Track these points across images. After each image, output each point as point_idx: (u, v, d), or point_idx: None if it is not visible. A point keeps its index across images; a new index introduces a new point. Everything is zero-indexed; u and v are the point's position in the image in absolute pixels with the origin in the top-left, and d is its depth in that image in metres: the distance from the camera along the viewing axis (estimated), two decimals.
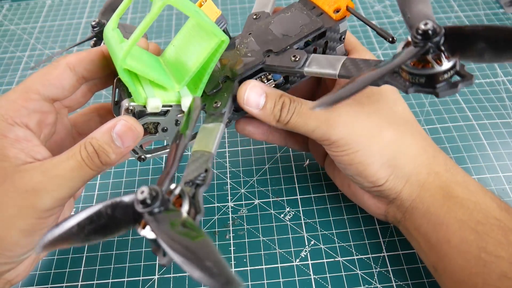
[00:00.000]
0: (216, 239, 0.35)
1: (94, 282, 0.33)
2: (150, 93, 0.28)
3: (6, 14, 0.61)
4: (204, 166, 0.26)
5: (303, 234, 0.35)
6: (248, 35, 0.33)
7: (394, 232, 0.34)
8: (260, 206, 0.37)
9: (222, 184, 0.39)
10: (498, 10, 0.55)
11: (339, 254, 0.33)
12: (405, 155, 0.29)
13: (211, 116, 0.30)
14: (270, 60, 0.31)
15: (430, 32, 0.21)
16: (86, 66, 0.29)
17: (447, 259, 0.27)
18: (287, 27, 0.32)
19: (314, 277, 0.32)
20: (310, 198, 0.37)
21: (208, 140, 0.28)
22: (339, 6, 0.31)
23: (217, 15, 0.31)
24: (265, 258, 0.34)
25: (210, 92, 0.31)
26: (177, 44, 0.31)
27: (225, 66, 0.32)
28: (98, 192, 0.39)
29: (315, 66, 0.29)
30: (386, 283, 0.32)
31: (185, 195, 0.23)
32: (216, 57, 0.29)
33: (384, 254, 0.33)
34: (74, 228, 0.22)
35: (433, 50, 0.22)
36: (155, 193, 0.22)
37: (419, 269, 0.32)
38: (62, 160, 0.26)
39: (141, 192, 0.21)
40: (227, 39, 0.28)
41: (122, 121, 0.27)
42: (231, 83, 0.31)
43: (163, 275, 0.33)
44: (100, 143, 0.26)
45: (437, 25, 0.22)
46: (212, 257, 0.19)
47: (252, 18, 0.35)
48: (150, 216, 0.22)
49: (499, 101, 0.44)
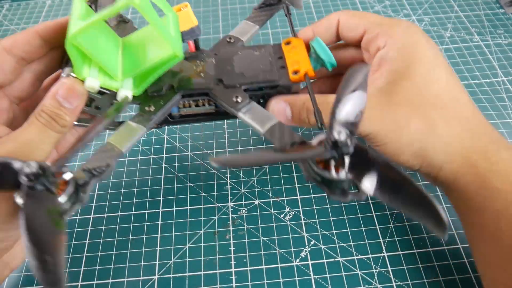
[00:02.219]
0: (216, 239, 0.35)
1: (94, 282, 0.33)
2: (93, 73, 0.29)
3: (6, 14, 0.61)
4: (109, 160, 0.27)
5: (303, 234, 0.35)
6: (214, 55, 0.34)
7: (394, 232, 0.34)
8: (260, 206, 0.37)
9: (222, 184, 0.39)
10: (498, 10, 0.55)
11: (339, 254, 0.33)
12: (435, 145, 0.28)
13: (140, 116, 0.30)
14: (217, 90, 0.31)
15: (339, 143, 0.22)
16: (23, 48, 0.30)
17: (482, 244, 0.28)
18: (248, 66, 0.33)
19: (314, 277, 0.32)
20: (310, 198, 0.37)
21: (125, 139, 0.29)
22: (299, 70, 0.32)
23: (192, 25, 0.32)
24: (265, 258, 0.34)
25: (151, 94, 0.31)
26: (141, 35, 0.32)
27: (177, 75, 0.32)
28: (98, 192, 0.39)
29: (249, 115, 0.30)
30: (386, 283, 0.32)
31: (71, 185, 0.24)
32: (166, 66, 0.30)
33: (384, 254, 0.33)
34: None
35: (336, 159, 0.23)
36: (42, 171, 0.22)
37: (419, 269, 0.32)
38: (25, 128, 0.27)
39: (28, 166, 0.22)
40: (181, 55, 0.30)
41: (63, 84, 0.28)
42: (173, 94, 0.31)
43: (163, 275, 0.33)
44: (51, 109, 0.28)
45: (352, 139, 0.22)
46: (55, 253, 0.20)
47: (226, 40, 0.36)
48: (30, 191, 0.22)
49: (499, 101, 0.44)
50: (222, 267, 0.33)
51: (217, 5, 0.60)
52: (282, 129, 0.29)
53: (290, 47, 0.34)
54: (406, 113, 0.29)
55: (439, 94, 0.29)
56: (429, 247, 0.33)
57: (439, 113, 0.29)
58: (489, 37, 0.52)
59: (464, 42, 0.51)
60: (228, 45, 0.35)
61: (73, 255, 0.35)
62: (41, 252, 0.19)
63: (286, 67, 0.32)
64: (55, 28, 0.31)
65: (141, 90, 0.31)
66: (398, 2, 0.58)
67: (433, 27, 0.54)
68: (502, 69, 0.47)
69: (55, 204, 0.22)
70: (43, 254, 0.19)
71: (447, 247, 0.33)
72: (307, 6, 0.59)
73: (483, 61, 0.49)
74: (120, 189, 0.39)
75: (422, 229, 0.34)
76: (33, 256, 0.19)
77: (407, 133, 0.28)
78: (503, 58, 0.49)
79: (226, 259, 0.34)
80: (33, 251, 0.19)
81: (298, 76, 0.31)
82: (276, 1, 0.39)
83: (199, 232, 0.35)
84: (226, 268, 0.33)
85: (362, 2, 0.59)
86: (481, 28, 0.53)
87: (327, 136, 0.23)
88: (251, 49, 0.34)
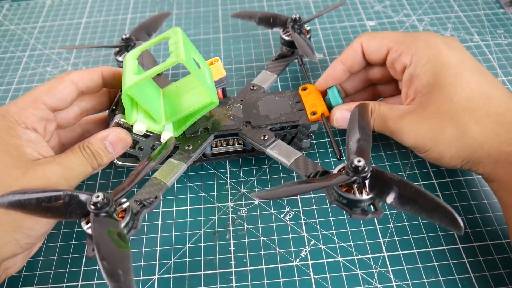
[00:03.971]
0: (216, 239, 0.35)
1: (94, 282, 0.33)
2: (140, 118, 0.33)
3: (6, 14, 0.61)
4: (156, 193, 0.32)
5: (303, 234, 0.35)
6: (240, 100, 0.39)
7: (394, 232, 0.34)
8: (260, 206, 0.37)
9: (222, 184, 0.39)
10: (498, 10, 0.55)
11: (339, 254, 0.33)
12: (471, 145, 0.31)
13: (180, 155, 0.35)
14: (246, 130, 0.36)
15: (360, 168, 0.27)
16: (87, 83, 0.34)
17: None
18: (271, 109, 0.38)
19: (314, 277, 0.32)
20: (310, 198, 0.37)
21: (169, 174, 0.33)
22: (316, 111, 0.37)
23: (221, 76, 0.37)
24: (265, 258, 0.34)
25: (188, 135, 0.36)
26: (179, 85, 0.37)
27: (210, 118, 0.37)
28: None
29: (275, 151, 0.35)
30: (386, 283, 0.32)
31: (129, 212, 0.28)
32: (204, 111, 0.35)
33: (384, 254, 0.33)
34: (33, 200, 0.27)
35: (359, 182, 0.28)
36: (107, 200, 0.26)
37: (419, 269, 0.32)
38: (69, 155, 0.31)
39: (97, 196, 0.26)
40: (217, 102, 0.34)
41: (115, 132, 0.33)
42: (207, 135, 0.36)
43: (163, 275, 0.33)
44: (95, 148, 0.32)
45: (368, 165, 0.28)
46: (125, 267, 0.24)
47: (250, 88, 0.41)
48: (95, 217, 0.26)
49: None
50: (222, 267, 0.33)
51: (217, 5, 0.60)
52: (305, 161, 0.33)
53: (307, 92, 0.39)
54: (440, 122, 0.32)
55: (470, 96, 0.32)
56: (429, 247, 0.33)
57: (471, 116, 0.31)
58: (489, 37, 0.52)
59: (464, 42, 0.51)
60: (252, 91, 0.40)
61: (73, 255, 0.35)
62: (113, 267, 0.23)
63: (305, 109, 0.38)
64: (115, 73, 0.36)
65: (180, 132, 0.36)
66: (398, 2, 0.58)
67: (433, 27, 0.54)
68: (502, 69, 0.47)
69: (117, 228, 0.26)
70: (115, 268, 0.23)
71: (447, 247, 0.33)
72: (307, 7, 0.59)
73: (483, 61, 0.49)
74: None
75: (422, 229, 0.34)
76: (107, 272, 0.23)
77: (442, 141, 0.31)
78: (503, 58, 0.49)
79: (226, 259, 0.34)
80: (106, 267, 0.23)
81: (316, 117, 0.37)
82: (290, 53, 0.45)
83: (199, 232, 0.35)
84: (226, 268, 0.33)
85: (362, 2, 0.59)
86: (481, 28, 0.53)
87: (348, 163, 0.28)
88: (273, 95, 0.39)
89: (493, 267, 0.32)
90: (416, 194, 0.27)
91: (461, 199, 0.36)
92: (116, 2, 0.62)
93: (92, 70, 0.35)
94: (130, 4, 0.61)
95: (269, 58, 0.51)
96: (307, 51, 0.40)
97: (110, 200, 0.27)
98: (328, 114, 0.37)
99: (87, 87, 0.34)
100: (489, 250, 0.33)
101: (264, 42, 0.53)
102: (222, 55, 0.52)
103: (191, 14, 0.59)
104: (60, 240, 0.36)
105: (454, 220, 0.25)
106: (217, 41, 0.54)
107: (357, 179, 0.28)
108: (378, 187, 0.28)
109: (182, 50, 0.31)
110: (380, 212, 0.29)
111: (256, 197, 0.29)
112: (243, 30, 0.55)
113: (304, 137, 0.38)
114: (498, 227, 0.34)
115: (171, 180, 0.33)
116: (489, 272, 0.32)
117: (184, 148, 0.35)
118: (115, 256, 0.24)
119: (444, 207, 0.25)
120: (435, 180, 0.38)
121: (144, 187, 0.32)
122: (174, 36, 0.33)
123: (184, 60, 0.31)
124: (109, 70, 0.35)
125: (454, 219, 0.25)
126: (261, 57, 0.51)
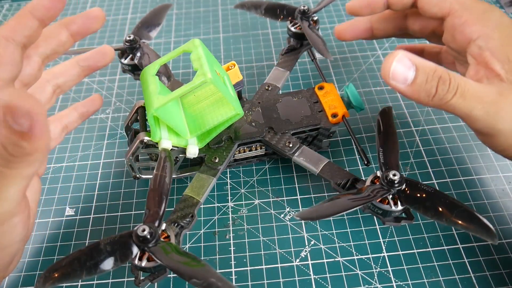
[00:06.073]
0: (216, 239, 0.35)
1: (94, 282, 0.33)
2: (164, 135, 0.33)
3: (6, 14, 0.62)
4: (191, 210, 0.32)
5: (303, 234, 0.35)
6: (258, 103, 0.39)
7: (394, 232, 0.34)
8: (260, 206, 0.37)
9: (222, 184, 0.39)
10: None
11: (339, 254, 0.33)
12: None
13: (207, 167, 0.35)
14: (269, 137, 0.36)
15: (395, 182, 0.28)
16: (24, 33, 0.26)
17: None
18: (291, 112, 0.37)
19: (314, 277, 0.32)
20: (310, 198, 0.37)
21: (200, 190, 0.33)
22: (337, 113, 0.36)
23: (238, 79, 0.37)
24: (265, 258, 0.34)
25: (212, 146, 0.36)
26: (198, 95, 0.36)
27: (232, 127, 0.36)
28: (98, 192, 0.39)
29: (302, 158, 0.35)
30: (386, 283, 0.32)
31: (172, 235, 0.29)
32: (228, 123, 0.35)
33: (384, 254, 0.33)
34: (75, 265, 0.25)
35: (393, 194, 0.29)
36: (153, 230, 0.27)
37: (419, 269, 0.32)
38: None
39: (142, 231, 0.26)
40: (242, 113, 0.34)
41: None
42: (232, 144, 0.36)
43: None
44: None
45: (402, 177, 0.28)
46: (216, 276, 0.24)
47: (265, 87, 0.40)
48: (149, 250, 0.27)
49: None
50: (222, 267, 0.33)
51: (217, 5, 0.60)
52: (333, 168, 0.34)
53: (324, 92, 0.38)
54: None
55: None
56: (429, 247, 0.33)
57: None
58: None
59: None
60: (267, 92, 0.40)
61: None
62: (204, 279, 0.24)
63: (324, 111, 0.37)
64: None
65: (204, 143, 0.35)
66: None
67: None
68: None
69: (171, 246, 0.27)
70: (206, 280, 0.24)
71: (447, 247, 0.33)
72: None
73: None
74: (120, 189, 0.39)
75: (422, 229, 0.34)
76: (201, 285, 0.24)
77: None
78: None
79: (226, 259, 0.34)
80: (197, 282, 0.24)
81: (337, 119, 0.36)
82: (299, 46, 0.43)
83: (199, 232, 0.35)
84: (226, 268, 0.33)
85: None
86: None
87: (383, 176, 0.29)
88: (290, 96, 0.39)
89: (493, 267, 0.32)
90: (451, 205, 0.26)
91: (461, 200, 0.36)
92: (116, 2, 0.62)
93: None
94: (130, 4, 0.61)
95: (269, 58, 0.51)
96: (322, 49, 0.38)
97: (155, 229, 0.27)
98: (348, 115, 0.37)
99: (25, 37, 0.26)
100: (489, 250, 0.33)
101: (264, 42, 0.53)
102: (222, 55, 0.52)
103: (191, 14, 0.59)
104: (60, 240, 0.36)
105: (489, 231, 0.25)
106: (217, 41, 0.54)
107: (392, 192, 0.28)
108: (412, 198, 0.28)
109: (208, 69, 0.30)
110: (412, 218, 0.30)
111: (298, 217, 0.28)
112: (243, 30, 0.55)
113: (324, 138, 0.38)
114: (498, 227, 0.34)
115: (203, 197, 0.33)
116: (489, 272, 0.32)
117: (210, 160, 0.35)
118: (197, 270, 0.25)
119: (479, 219, 0.26)
120: (435, 180, 0.38)
121: (177, 205, 0.32)
122: (195, 50, 0.32)
123: (211, 79, 0.30)
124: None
125: (489, 230, 0.25)
126: (261, 57, 0.51)
